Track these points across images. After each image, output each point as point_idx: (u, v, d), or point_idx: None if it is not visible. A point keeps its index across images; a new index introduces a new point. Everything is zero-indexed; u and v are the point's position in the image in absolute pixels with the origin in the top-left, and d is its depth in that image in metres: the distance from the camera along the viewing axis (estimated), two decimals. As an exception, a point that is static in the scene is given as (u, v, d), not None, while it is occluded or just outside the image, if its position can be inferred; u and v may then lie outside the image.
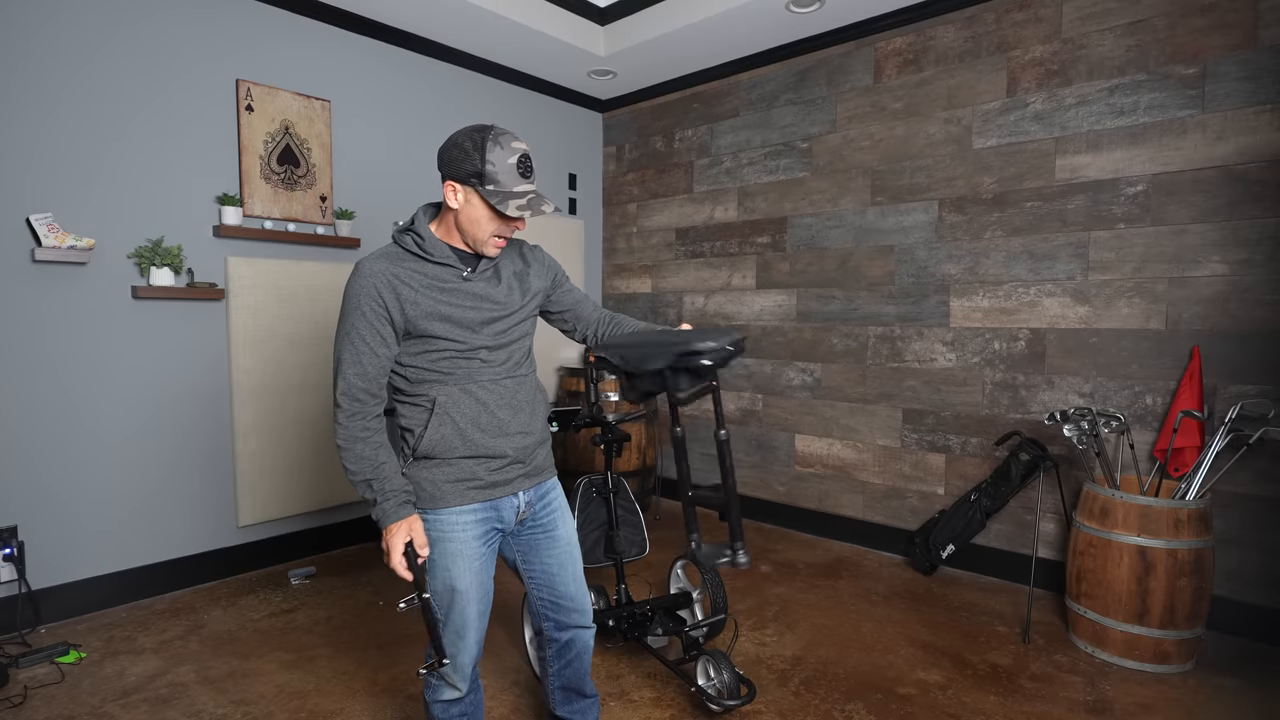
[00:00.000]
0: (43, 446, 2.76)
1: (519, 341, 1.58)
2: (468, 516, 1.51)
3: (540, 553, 1.64)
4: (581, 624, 1.69)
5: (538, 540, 1.64)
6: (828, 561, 3.59)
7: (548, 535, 1.64)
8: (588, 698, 1.78)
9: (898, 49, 3.59)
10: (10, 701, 2.24)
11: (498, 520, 1.56)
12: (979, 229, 3.35)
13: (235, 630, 2.76)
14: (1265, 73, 2.64)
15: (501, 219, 1.43)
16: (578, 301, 1.75)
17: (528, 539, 1.65)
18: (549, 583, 1.65)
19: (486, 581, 1.56)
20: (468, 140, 1.39)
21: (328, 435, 3.57)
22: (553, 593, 1.66)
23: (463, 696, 1.60)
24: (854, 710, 2.22)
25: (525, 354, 1.62)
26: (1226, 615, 2.74)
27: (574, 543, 1.68)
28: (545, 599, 1.67)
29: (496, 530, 1.58)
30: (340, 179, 3.62)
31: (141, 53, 2.94)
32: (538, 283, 1.63)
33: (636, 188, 4.90)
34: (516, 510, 1.59)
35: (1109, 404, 3.01)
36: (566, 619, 1.68)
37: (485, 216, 1.42)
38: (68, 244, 2.69)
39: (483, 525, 1.53)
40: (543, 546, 1.64)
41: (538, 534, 1.64)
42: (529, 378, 1.61)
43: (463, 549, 1.51)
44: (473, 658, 1.57)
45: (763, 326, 4.22)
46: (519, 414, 1.55)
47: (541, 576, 1.65)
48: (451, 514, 1.50)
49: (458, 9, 3.51)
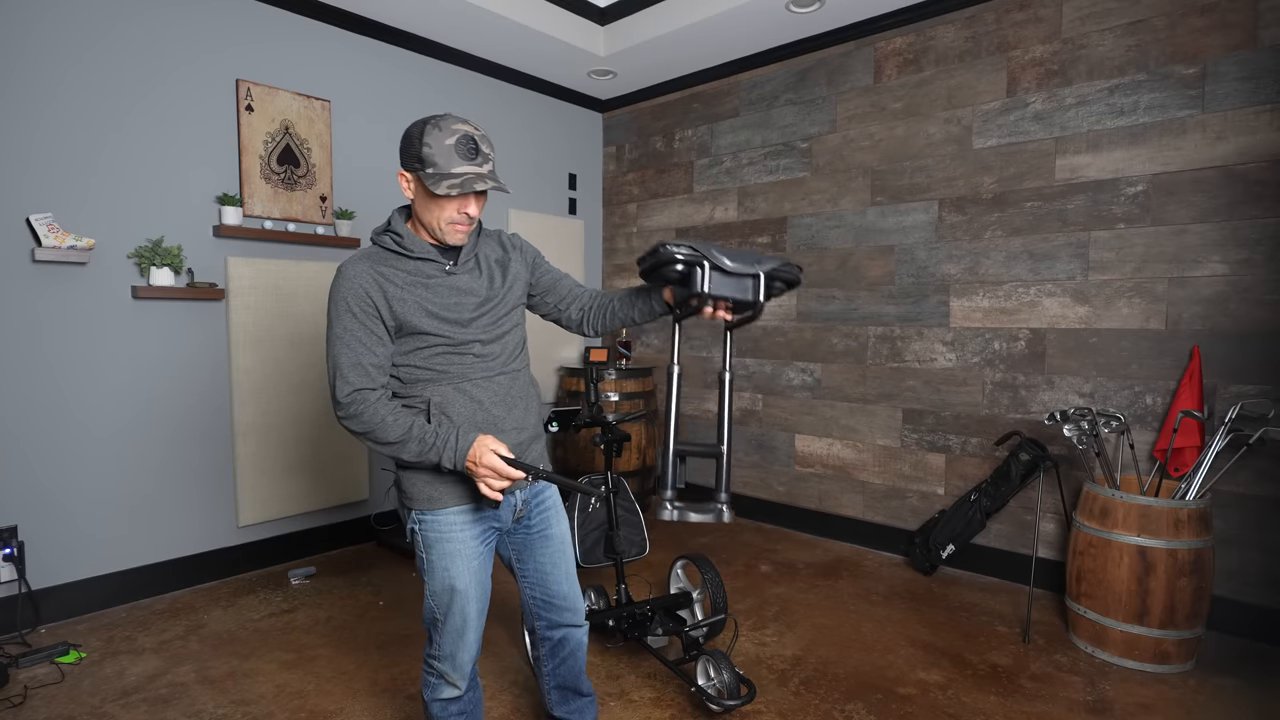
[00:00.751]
0: (43, 446, 2.76)
1: (511, 334, 1.58)
2: (466, 516, 1.52)
3: (534, 552, 1.65)
4: (573, 623, 1.70)
5: (531, 540, 1.65)
6: (828, 561, 3.59)
7: (541, 535, 1.65)
8: (584, 696, 1.78)
9: (898, 49, 3.59)
10: (10, 701, 2.24)
11: (495, 519, 1.57)
12: (979, 229, 3.36)
13: (235, 630, 2.76)
14: (1265, 73, 2.64)
15: (444, 202, 1.41)
16: (557, 280, 1.72)
17: (522, 538, 1.65)
18: (542, 581, 1.66)
19: (485, 580, 1.57)
20: (414, 128, 1.41)
21: (328, 435, 3.57)
22: (545, 591, 1.66)
23: (461, 695, 1.60)
24: (854, 710, 2.22)
25: (518, 347, 1.61)
26: (1226, 615, 2.74)
27: (566, 541, 1.69)
28: (538, 598, 1.67)
29: (494, 529, 1.58)
30: (340, 179, 3.62)
31: (142, 52, 2.94)
32: (519, 268, 1.63)
33: (636, 188, 4.90)
34: (514, 509, 1.59)
35: (1109, 404, 3.01)
36: (559, 618, 1.68)
37: (430, 202, 1.42)
38: (68, 244, 2.69)
39: (480, 524, 1.54)
40: (536, 546, 1.65)
41: (532, 534, 1.64)
42: (522, 373, 1.61)
43: (461, 548, 1.51)
44: (472, 656, 1.58)
45: (763, 326, 4.22)
46: (513, 410, 1.55)
47: (534, 575, 1.66)
48: (449, 514, 1.50)
49: (458, 9, 3.51)
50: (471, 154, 1.39)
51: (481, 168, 1.41)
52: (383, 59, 3.76)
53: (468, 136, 1.40)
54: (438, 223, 1.44)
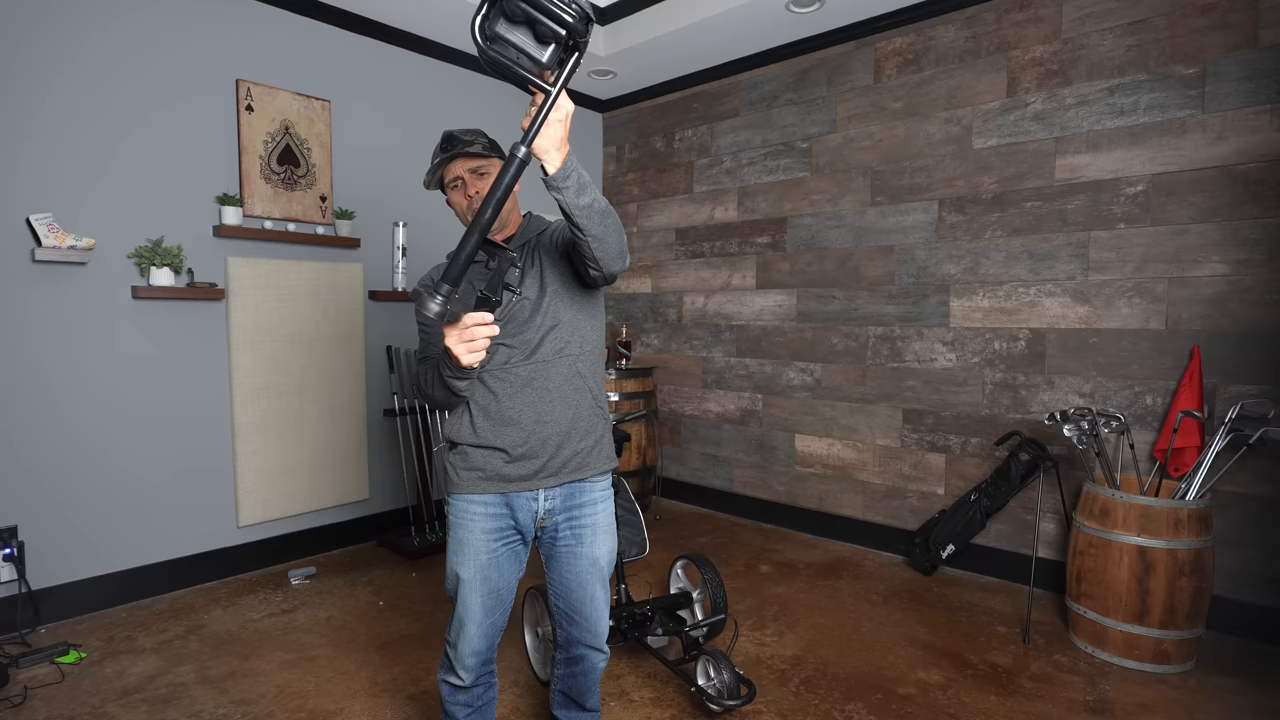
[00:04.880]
0: (43, 446, 2.76)
1: (553, 330, 1.49)
2: (477, 508, 1.52)
3: (560, 565, 1.60)
4: (592, 644, 1.65)
5: (558, 553, 1.59)
6: (828, 561, 3.59)
7: (569, 551, 1.58)
8: (587, 711, 1.75)
9: (898, 49, 3.59)
10: (10, 701, 2.24)
11: (511, 521, 1.53)
12: (979, 229, 3.35)
13: (235, 630, 2.76)
14: (1265, 73, 2.64)
15: (445, 191, 1.58)
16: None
17: (549, 548, 1.60)
18: (565, 595, 1.61)
19: (494, 578, 1.53)
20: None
21: (328, 435, 3.57)
22: (569, 605, 1.62)
23: (466, 687, 1.59)
24: (854, 710, 2.22)
25: (553, 339, 1.50)
26: (1226, 615, 2.74)
27: (599, 564, 1.59)
28: (561, 609, 1.64)
29: (512, 532, 1.54)
30: (340, 179, 3.62)
31: (142, 52, 2.94)
32: (549, 251, 1.54)
33: (636, 188, 4.90)
34: (534, 515, 1.54)
35: (1109, 404, 3.01)
36: (579, 636, 1.64)
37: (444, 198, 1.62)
38: (68, 244, 2.69)
39: (493, 521, 1.52)
40: (564, 560, 1.59)
41: (558, 546, 1.59)
42: (553, 363, 1.49)
43: (469, 538, 1.52)
44: (473, 649, 1.55)
45: (763, 326, 4.22)
46: (536, 403, 1.48)
47: (559, 587, 1.62)
48: (463, 501, 1.53)
49: (458, 9, 3.51)
50: (448, 146, 1.52)
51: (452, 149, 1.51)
52: (383, 59, 3.76)
53: (448, 133, 1.53)
54: (458, 212, 1.57)
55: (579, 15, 1.07)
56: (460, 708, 1.62)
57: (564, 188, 1.22)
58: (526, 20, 1.08)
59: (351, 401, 3.67)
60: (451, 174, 1.54)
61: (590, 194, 1.26)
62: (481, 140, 1.53)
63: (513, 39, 1.09)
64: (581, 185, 1.24)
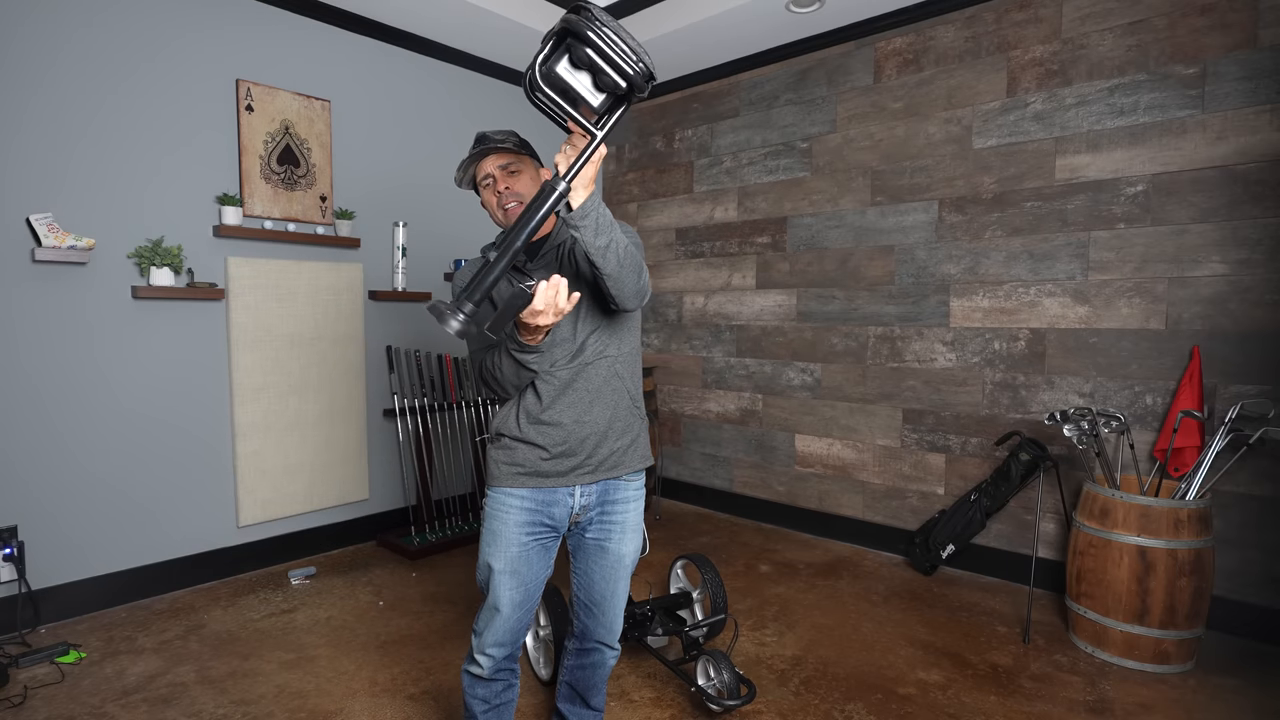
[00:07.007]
0: (43, 446, 2.76)
1: (594, 333, 1.52)
2: (514, 501, 1.54)
3: (586, 559, 1.64)
4: (606, 642, 1.70)
5: (585, 546, 1.63)
6: (828, 561, 3.59)
7: (597, 546, 1.62)
8: (591, 710, 1.78)
9: (898, 49, 3.59)
10: (10, 701, 2.24)
11: (547, 518, 1.55)
12: (979, 229, 3.35)
13: (235, 630, 2.76)
14: (1265, 73, 2.64)
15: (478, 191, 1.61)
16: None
17: (577, 540, 1.64)
18: (588, 587, 1.66)
19: (524, 572, 1.55)
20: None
21: (328, 435, 3.57)
22: (590, 598, 1.66)
23: (487, 678, 1.61)
24: (854, 710, 2.22)
25: (595, 341, 1.53)
26: (1226, 615, 2.74)
27: (624, 562, 1.63)
28: (582, 599, 1.68)
29: (547, 528, 1.56)
30: (340, 179, 3.62)
31: (142, 52, 2.93)
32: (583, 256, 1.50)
33: (636, 187, 4.90)
34: (570, 510, 1.57)
35: (1109, 404, 3.01)
36: (594, 632, 1.69)
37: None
38: (68, 244, 2.69)
39: (528, 515, 1.54)
40: (590, 554, 1.63)
41: (586, 540, 1.63)
42: (593, 365, 1.52)
43: (502, 529, 1.54)
44: (497, 639, 1.57)
45: (763, 326, 4.22)
46: (576, 404, 1.51)
47: (583, 579, 1.66)
48: (500, 493, 1.55)
49: (458, 9, 3.51)
50: (476, 144, 1.55)
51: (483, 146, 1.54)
52: (383, 59, 3.76)
53: (480, 134, 1.57)
54: (491, 211, 1.58)
55: (643, 73, 1.14)
56: (479, 703, 1.64)
57: (582, 226, 1.25)
58: (590, 68, 1.15)
59: (351, 401, 3.67)
60: (483, 171, 1.56)
61: (608, 235, 1.29)
62: (513, 139, 1.56)
63: (571, 82, 1.16)
64: (600, 225, 1.27)
